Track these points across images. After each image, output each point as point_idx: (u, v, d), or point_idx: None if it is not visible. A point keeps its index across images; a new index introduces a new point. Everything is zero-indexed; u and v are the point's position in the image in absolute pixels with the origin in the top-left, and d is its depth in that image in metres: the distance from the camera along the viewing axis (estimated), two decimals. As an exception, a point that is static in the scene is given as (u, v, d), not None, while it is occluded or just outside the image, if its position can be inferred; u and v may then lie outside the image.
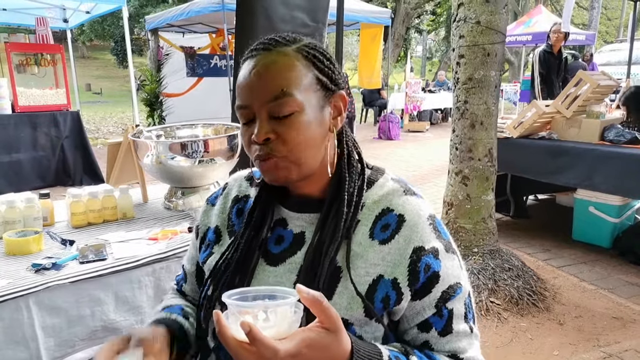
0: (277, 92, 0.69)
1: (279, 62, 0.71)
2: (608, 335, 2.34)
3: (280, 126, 0.70)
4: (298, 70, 0.71)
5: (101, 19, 17.77)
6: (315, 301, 0.55)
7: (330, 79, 0.75)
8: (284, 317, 0.57)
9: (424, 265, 0.70)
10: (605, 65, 10.36)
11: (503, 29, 2.71)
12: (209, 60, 9.25)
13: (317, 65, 0.73)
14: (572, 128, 3.42)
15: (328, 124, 0.75)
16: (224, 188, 0.91)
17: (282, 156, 0.71)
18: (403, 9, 17.25)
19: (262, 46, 0.73)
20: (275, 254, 0.77)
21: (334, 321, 0.57)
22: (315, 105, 0.72)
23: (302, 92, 0.71)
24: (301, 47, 0.73)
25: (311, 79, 0.72)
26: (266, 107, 0.70)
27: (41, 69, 4.94)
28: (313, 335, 0.56)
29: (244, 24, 2.22)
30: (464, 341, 0.73)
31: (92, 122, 10.94)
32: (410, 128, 9.97)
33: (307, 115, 0.71)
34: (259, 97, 0.70)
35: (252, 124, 0.72)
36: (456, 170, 2.87)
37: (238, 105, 0.73)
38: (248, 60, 0.73)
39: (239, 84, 0.73)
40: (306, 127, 0.71)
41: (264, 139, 0.70)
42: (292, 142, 0.70)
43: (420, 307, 0.72)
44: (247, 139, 0.74)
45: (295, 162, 0.72)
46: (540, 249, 3.43)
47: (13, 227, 1.39)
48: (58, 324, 1.15)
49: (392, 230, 0.72)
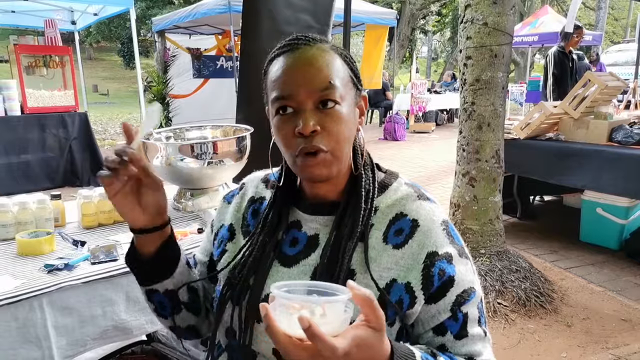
0: (326, 83, 0.70)
1: (324, 54, 0.72)
2: (617, 338, 2.33)
3: (325, 118, 0.70)
4: (339, 65, 0.73)
5: (108, 21, 17.90)
6: (366, 299, 0.54)
7: (358, 79, 0.77)
8: (338, 315, 0.54)
9: (438, 270, 0.71)
10: (613, 65, 10.32)
11: (510, 30, 2.71)
12: (215, 62, 9.29)
13: (349, 63, 0.76)
14: (579, 129, 3.40)
15: (356, 122, 0.77)
16: (240, 187, 0.93)
17: (328, 150, 0.71)
18: (408, 9, 17.23)
19: (300, 41, 0.74)
20: (289, 256, 0.78)
21: (381, 321, 0.55)
22: (350, 101, 0.74)
23: (343, 86, 0.72)
24: (334, 46, 0.75)
25: (348, 76, 0.74)
26: (314, 98, 0.70)
27: (50, 70, 4.98)
28: (362, 334, 0.54)
29: (249, 26, 2.23)
30: (479, 344, 0.74)
31: (100, 123, 11.01)
32: (415, 129, 9.96)
33: (346, 110, 0.72)
34: (306, 87, 0.70)
35: (294, 115, 0.71)
36: (463, 172, 2.86)
37: (278, 96, 0.71)
38: (284, 55, 0.73)
39: (279, 76, 0.72)
40: (346, 121, 0.72)
41: (312, 131, 0.69)
42: (337, 136, 0.71)
43: (436, 311, 0.72)
44: (288, 131, 0.71)
45: (338, 158, 0.72)
46: (548, 250, 3.41)
47: (25, 228, 1.40)
48: (70, 324, 1.16)
49: (405, 235, 0.73)
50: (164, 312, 0.86)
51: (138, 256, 0.80)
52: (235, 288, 0.77)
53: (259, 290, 0.75)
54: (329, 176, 0.73)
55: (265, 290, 0.76)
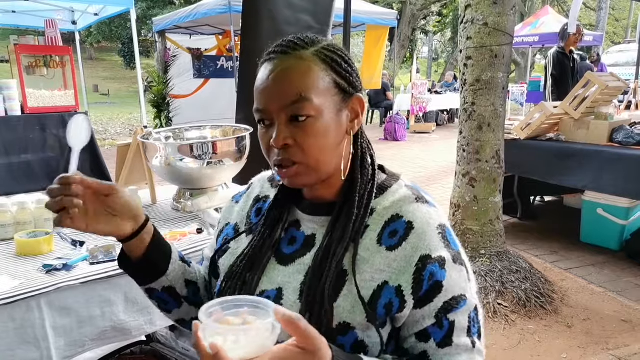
0: (295, 97, 0.69)
1: (297, 66, 0.70)
2: (617, 339, 2.33)
3: (299, 131, 0.70)
4: (316, 75, 0.71)
5: (109, 21, 17.89)
6: (291, 322, 0.55)
7: (348, 82, 0.74)
8: (256, 338, 0.57)
9: (429, 274, 0.69)
10: (613, 66, 10.31)
11: (511, 30, 2.70)
12: (216, 62, 9.28)
13: (335, 68, 0.73)
14: (580, 130, 3.40)
15: (345, 127, 0.75)
16: (248, 187, 0.94)
17: (300, 162, 0.71)
18: (409, 10, 17.23)
19: (280, 49, 0.73)
20: (286, 255, 0.78)
21: (312, 341, 0.56)
22: (333, 109, 0.72)
23: (320, 96, 0.70)
24: (320, 50, 0.73)
25: (329, 83, 0.72)
26: (284, 112, 0.70)
27: (50, 70, 4.98)
28: (284, 355, 0.55)
29: (249, 26, 2.23)
30: (463, 355, 0.71)
31: (100, 123, 11.01)
32: (416, 129, 9.95)
33: (325, 120, 0.71)
34: (276, 102, 0.70)
35: (271, 127, 0.72)
36: (463, 172, 2.86)
37: (256, 109, 0.73)
38: (266, 63, 0.73)
39: (257, 88, 0.73)
40: (324, 132, 0.71)
41: (283, 144, 0.70)
42: (311, 149, 0.71)
43: (420, 316, 0.71)
44: (265, 143, 0.73)
45: (314, 168, 0.72)
46: (548, 251, 3.41)
47: (24, 228, 1.40)
48: (69, 324, 1.16)
49: (400, 237, 0.72)
50: (167, 307, 0.89)
51: (129, 260, 0.81)
52: (232, 283, 0.78)
53: (254, 286, 0.76)
54: (308, 184, 0.74)
55: (261, 287, 0.76)
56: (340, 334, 0.69)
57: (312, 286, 0.71)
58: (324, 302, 0.68)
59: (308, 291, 0.71)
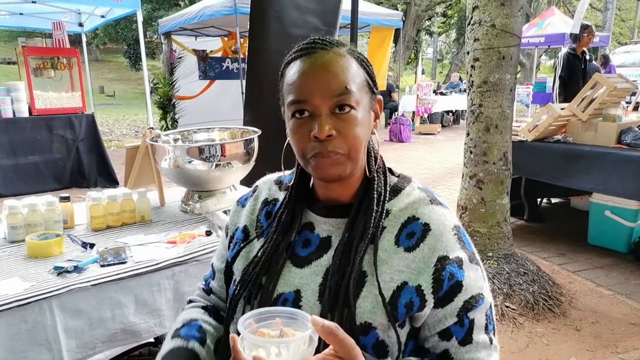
0: (342, 89, 0.71)
1: (340, 60, 0.73)
2: (626, 342, 2.31)
3: (341, 122, 0.71)
4: (354, 70, 0.73)
5: (114, 23, 17.96)
6: (330, 332, 0.56)
7: (374, 82, 0.78)
8: (297, 350, 0.58)
9: (448, 274, 0.71)
10: (620, 66, 10.23)
11: (518, 31, 2.69)
12: (221, 63, 9.31)
13: (366, 68, 0.76)
14: (588, 131, 3.38)
15: (371, 125, 0.77)
16: (254, 190, 0.93)
17: (342, 153, 0.72)
18: (414, 11, 17.21)
19: (317, 45, 0.74)
20: (302, 257, 0.78)
21: (349, 351, 0.58)
22: (365, 105, 0.75)
23: (358, 91, 0.73)
24: (350, 50, 0.76)
25: (363, 80, 0.75)
26: (328, 103, 0.71)
27: (57, 72, 5.02)
28: None
29: (256, 28, 2.23)
30: (483, 352, 0.74)
31: (106, 124, 11.06)
32: (421, 130, 9.94)
33: (362, 114, 0.73)
34: (322, 93, 0.71)
35: (309, 120, 0.72)
36: (471, 174, 2.85)
37: (295, 100, 0.72)
38: (303, 57, 0.74)
39: (296, 80, 0.72)
40: (361, 125, 0.73)
41: (327, 135, 0.70)
42: (352, 139, 0.72)
43: (442, 316, 0.72)
44: (304, 134, 0.72)
45: (352, 159, 0.73)
46: (556, 253, 3.39)
47: (35, 230, 1.41)
48: (80, 326, 1.16)
49: (417, 238, 0.73)
50: None
51: None
52: (247, 287, 0.78)
53: (272, 290, 0.76)
54: (342, 175, 0.74)
55: (278, 290, 0.76)
56: (362, 334, 0.70)
57: (333, 287, 0.71)
58: (347, 303, 0.69)
59: (329, 292, 0.71)
